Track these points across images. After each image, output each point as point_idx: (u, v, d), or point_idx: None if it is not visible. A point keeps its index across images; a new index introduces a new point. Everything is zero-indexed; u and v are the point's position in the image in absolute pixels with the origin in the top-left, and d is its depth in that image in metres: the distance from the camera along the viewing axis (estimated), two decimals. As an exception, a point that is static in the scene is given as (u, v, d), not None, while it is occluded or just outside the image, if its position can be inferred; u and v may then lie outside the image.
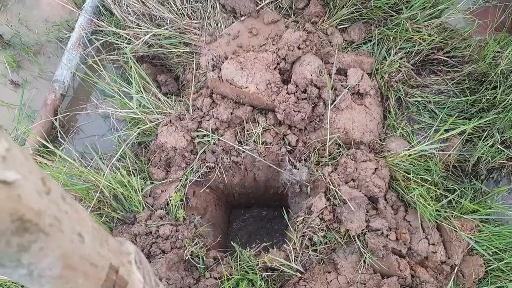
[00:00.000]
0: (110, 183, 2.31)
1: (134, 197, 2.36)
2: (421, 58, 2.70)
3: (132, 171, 2.47)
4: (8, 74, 3.22)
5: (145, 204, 2.40)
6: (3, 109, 3.04)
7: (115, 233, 2.31)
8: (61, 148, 2.68)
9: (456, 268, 2.17)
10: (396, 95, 2.62)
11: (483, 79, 2.62)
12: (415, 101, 2.62)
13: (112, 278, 0.66)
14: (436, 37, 2.62)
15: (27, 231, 0.46)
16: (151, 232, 2.28)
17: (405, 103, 2.64)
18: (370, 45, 2.70)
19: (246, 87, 2.42)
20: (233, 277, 2.14)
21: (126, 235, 2.25)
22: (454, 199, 2.29)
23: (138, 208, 2.39)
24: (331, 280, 2.20)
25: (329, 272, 2.24)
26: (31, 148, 2.60)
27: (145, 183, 2.47)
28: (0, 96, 3.09)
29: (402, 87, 2.62)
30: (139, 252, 0.79)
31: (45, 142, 2.29)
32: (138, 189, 2.37)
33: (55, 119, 2.86)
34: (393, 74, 2.61)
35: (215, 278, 2.16)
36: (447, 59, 2.68)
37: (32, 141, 2.67)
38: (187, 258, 2.20)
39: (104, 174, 2.32)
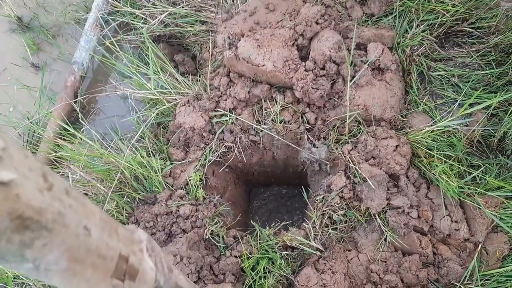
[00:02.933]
0: (130, 164, 2.34)
1: (154, 177, 2.38)
2: (445, 30, 2.60)
3: (152, 152, 2.49)
4: (29, 57, 3.26)
5: (165, 184, 2.43)
6: (25, 92, 3.08)
7: (136, 213, 2.34)
8: (81, 130, 2.71)
9: (480, 245, 2.13)
10: (418, 69, 2.54)
11: (510, 51, 2.51)
12: (438, 75, 2.54)
13: (122, 268, 0.66)
14: (460, 8, 2.51)
15: (28, 228, 0.45)
16: (171, 212, 2.30)
17: (427, 77, 2.56)
18: (391, 18, 2.61)
19: (263, 65, 2.38)
20: (253, 256, 2.16)
21: (147, 215, 2.28)
22: (478, 176, 2.23)
23: (158, 188, 2.41)
24: (351, 258, 2.19)
25: (350, 250, 2.23)
26: (52, 131, 2.64)
27: (164, 163, 2.49)
28: (22, 79, 3.13)
29: (425, 61, 2.53)
30: (151, 240, 0.79)
31: (65, 125, 2.32)
32: (158, 170, 2.39)
33: (75, 101, 2.89)
34: (415, 47, 2.53)
35: (236, 257, 2.18)
36: (472, 30, 2.58)
37: (53, 124, 2.71)
38: (207, 237, 2.22)
39: (124, 155, 2.34)
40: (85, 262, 0.57)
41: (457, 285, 2.10)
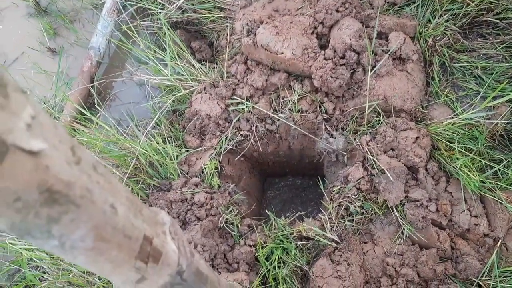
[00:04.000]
0: (146, 150, 2.33)
1: (170, 164, 2.37)
2: (469, 21, 2.53)
3: (167, 139, 2.47)
4: (46, 42, 3.26)
5: (180, 172, 2.41)
6: (42, 77, 3.09)
7: (151, 199, 2.33)
8: (98, 115, 2.71)
9: (500, 241, 2.08)
10: (440, 60, 2.48)
11: (536, 43, 2.44)
12: (461, 66, 2.48)
13: (146, 250, 0.64)
14: (486, -3, 2.45)
15: (57, 202, 0.43)
16: (186, 199, 2.29)
17: (450, 68, 2.50)
18: (414, 7, 2.55)
19: (282, 53, 2.35)
20: (267, 246, 2.14)
21: (161, 202, 2.27)
22: (500, 170, 2.18)
23: (173, 175, 2.40)
24: (367, 251, 2.16)
25: (366, 243, 2.20)
26: (69, 115, 2.63)
27: (180, 150, 2.48)
28: (39, 63, 3.14)
29: (447, 52, 2.47)
30: (174, 223, 0.77)
31: (82, 109, 2.31)
32: (173, 157, 2.38)
33: (92, 86, 2.88)
34: (438, 37, 2.47)
35: (250, 246, 2.17)
36: (497, 21, 2.50)
37: (69, 108, 2.70)
38: (221, 225, 2.21)
39: (140, 142, 2.33)
40: (111, 241, 0.55)
41: (475, 281, 2.07)
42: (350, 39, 2.28)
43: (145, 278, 0.68)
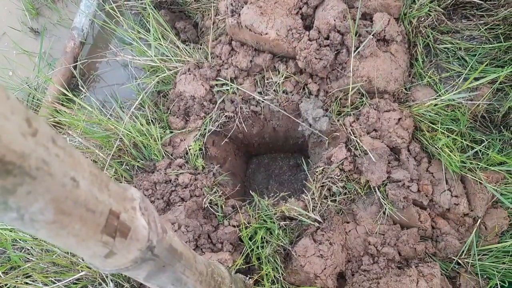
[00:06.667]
0: (129, 131, 2.32)
1: (154, 145, 2.36)
2: (453, 2, 2.53)
3: (152, 120, 2.46)
4: (28, 22, 3.20)
5: (164, 153, 2.41)
6: (24, 57, 3.04)
7: (135, 180, 2.33)
8: (81, 96, 2.68)
9: (479, 220, 2.12)
10: (424, 41, 2.48)
11: (519, 24, 2.45)
12: (445, 48, 2.48)
13: (112, 224, 0.64)
14: (470, -22, 2.44)
15: (10, 173, 0.43)
16: (170, 180, 2.29)
17: (433, 50, 2.50)
18: (399, -12, 2.53)
19: (266, 33, 2.33)
20: (251, 225, 2.15)
21: (146, 183, 2.27)
22: (480, 150, 2.20)
23: (157, 156, 2.39)
24: (349, 230, 2.19)
25: (348, 223, 2.22)
26: (51, 97, 2.61)
27: (164, 132, 2.47)
28: (21, 44, 3.08)
29: (431, 33, 2.47)
30: (145, 199, 0.77)
31: (64, 90, 2.28)
32: (158, 138, 2.37)
33: (75, 67, 2.84)
34: (422, 19, 2.46)
35: (234, 226, 2.18)
36: (481, 2, 2.50)
37: (52, 90, 2.67)
38: (206, 206, 2.22)
39: (123, 123, 2.32)
40: (72, 214, 0.55)
41: (454, 259, 2.11)
42: (335, 20, 2.27)
43: (114, 252, 0.69)
